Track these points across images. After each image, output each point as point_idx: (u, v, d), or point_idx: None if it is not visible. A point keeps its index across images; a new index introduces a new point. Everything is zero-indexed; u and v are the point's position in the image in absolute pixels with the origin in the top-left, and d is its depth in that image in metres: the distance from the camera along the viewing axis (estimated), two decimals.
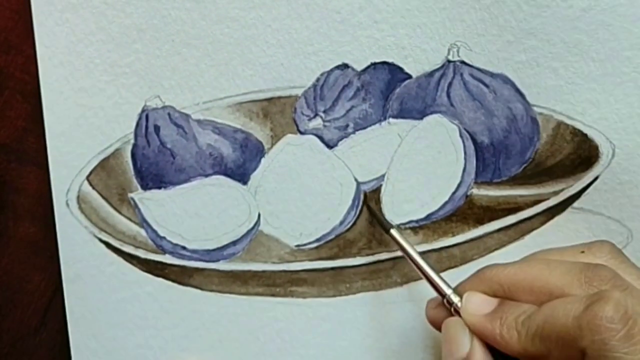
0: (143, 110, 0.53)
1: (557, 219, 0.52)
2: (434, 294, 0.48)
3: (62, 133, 0.54)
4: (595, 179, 0.52)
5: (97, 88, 0.53)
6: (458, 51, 0.51)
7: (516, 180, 0.52)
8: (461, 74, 0.51)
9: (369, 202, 0.53)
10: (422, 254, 0.50)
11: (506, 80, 0.51)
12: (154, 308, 0.54)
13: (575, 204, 0.52)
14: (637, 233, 0.52)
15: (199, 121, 0.53)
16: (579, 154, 0.52)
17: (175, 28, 0.52)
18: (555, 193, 0.52)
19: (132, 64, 0.53)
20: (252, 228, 0.53)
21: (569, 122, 0.51)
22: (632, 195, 0.51)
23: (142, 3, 0.52)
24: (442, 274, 0.48)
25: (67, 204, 0.54)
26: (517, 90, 0.51)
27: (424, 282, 0.51)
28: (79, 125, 0.54)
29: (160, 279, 0.54)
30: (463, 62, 0.51)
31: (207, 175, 0.53)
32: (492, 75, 0.51)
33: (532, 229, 0.52)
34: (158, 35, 0.53)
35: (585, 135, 0.51)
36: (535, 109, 0.51)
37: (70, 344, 0.55)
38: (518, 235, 0.52)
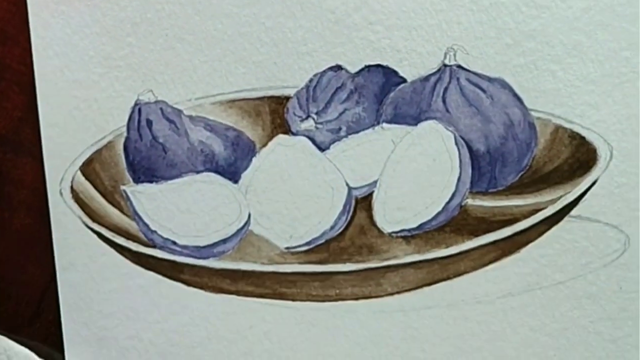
0: (136, 104, 0.53)
1: (554, 229, 0.50)
2: (427, 305, 0.47)
3: (56, 123, 0.53)
4: (593, 183, 0.50)
5: (91, 80, 0.53)
6: (455, 55, 0.50)
7: (512, 190, 0.51)
8: (457, 79, 0.50)
9: None
10: (414, 264, 0.49)
11: (504, 85, 0.50)
12: (145, 301, 0.54)
13: (573, 212, 0.50)
14: (634, 238, 0.50)
15: (190, 117, 0.53)
16: (577, 158, 0.50)
17: (169, 22, 0.52)
18: (553, 201, 0.50)
19: (126, 57, 0.52)
20: (242, 227, 0.53)
21: (567, 125, 0.50)
22: (630, 198, 0.50)
23: None
24: (434, 287, 0.48)
25: (61, 193, 0.54)
26: (515, 95, 0.50)
27: (415, 293, 0.50)
28: (73, 117, 0.53)
29: (151, 273, 0.54)
30: (460, 66, 0.50)
31: (198, 172, 0.53)
32: (489, 79, 0.50)
33: (529, 242, 0.51)
34: (152, 29, 0.52)
35: (584, 138, 0.50)
36: (533, 113, 0.50)
37: (62, 333, 0.55)
38: (514, 249, 0.51)
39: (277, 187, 0.52)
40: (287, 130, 0.52)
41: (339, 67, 0.51)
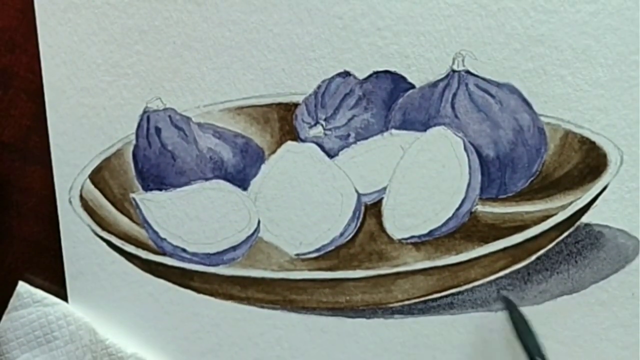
0: (144, 112, 0.53)
1: (565, 236, 0.50)
2: (438, 311, 0.47)
3: (64, 131, 0.53)
4: (604, 189, 0.50)
5: (99, 88, 0.53)
6: (463, 60, 0.49)
7: (523, 196, 0.50)
8: (466, 84, 0.49)
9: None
10: (424, 270, 0.49)
11: (512, 90, 0.49)
12: (155, 308, 0.54)
13: (583, 219, 0.50)
14: None
15: (199, 124, 0.52)
16: (587, 163, 0.50)
17: (176, 30, 0.52)
18: (563, 207, 0.50)
19: (134, 65, 0.52)
20: (252, 234, 0.52)
21: (576, 130, 0.50)
22: None
23: (144, 4, 0.51)
24: (443, 294, 0.47)
25: (70, 201, 0.54)
26: (524, 100, 0.49)
27: (425, 300, 0.50)
28: (82, 125, 0.53)
29: (161, 280, 0.54)
30: (468, 72, 0.49)
31: (207, 179, 0.53)
32: (498, 85, 0.49)
33: (539, 248, 0.50)
34: (159, 37, 0.52)
35: (594, 143, 0.50)
36: (542, 118, 0.50)
37: None
38: (524, 256, 0.50)
39: (286, 194, 0.52)
40: (296, 137, 0.52)
41: (347, 73, 0.50)
